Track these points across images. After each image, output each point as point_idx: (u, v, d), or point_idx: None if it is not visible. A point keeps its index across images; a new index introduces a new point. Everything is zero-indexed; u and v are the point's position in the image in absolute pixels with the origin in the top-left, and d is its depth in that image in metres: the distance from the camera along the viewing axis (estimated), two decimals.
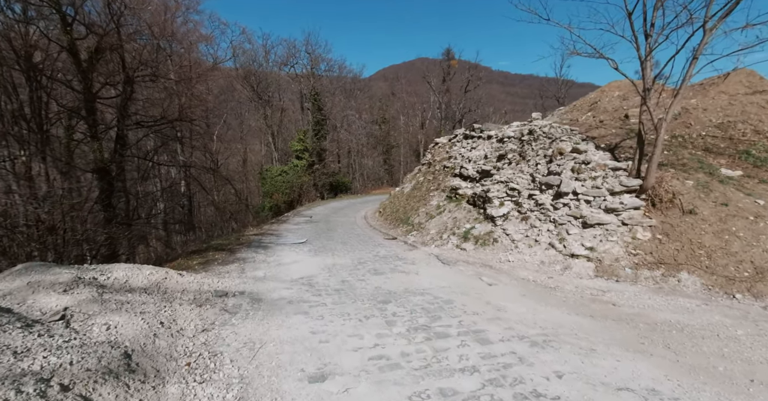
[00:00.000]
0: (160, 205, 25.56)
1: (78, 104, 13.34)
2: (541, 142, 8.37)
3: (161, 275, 5.22)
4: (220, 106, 31.19)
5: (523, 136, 9.18)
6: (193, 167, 20.98)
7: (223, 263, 8.15)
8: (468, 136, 13.48)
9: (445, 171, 13.83)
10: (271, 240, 11.38)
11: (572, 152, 7.35)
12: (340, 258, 8.56)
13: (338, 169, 38.67)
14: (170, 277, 5.32)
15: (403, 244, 10.21)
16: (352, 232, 12.90)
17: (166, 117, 13.42)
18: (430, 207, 11.81)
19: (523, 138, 9.13)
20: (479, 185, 10.29)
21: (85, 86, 12.87)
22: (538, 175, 7.79)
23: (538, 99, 57.52)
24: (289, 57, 33.83)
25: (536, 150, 8.29)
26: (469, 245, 8.22)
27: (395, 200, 16.13)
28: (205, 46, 29.39)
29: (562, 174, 7.15)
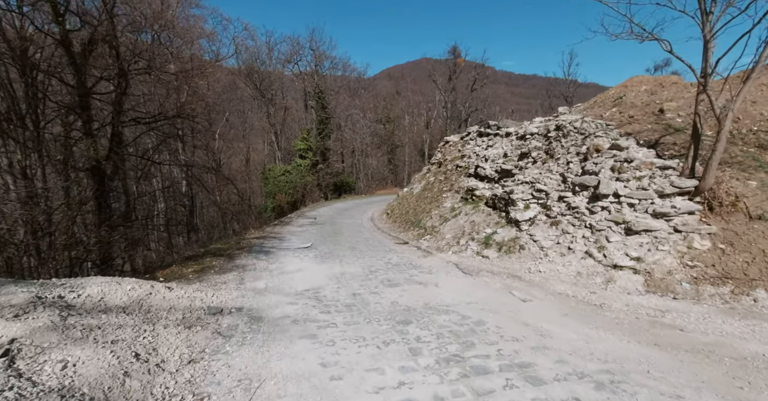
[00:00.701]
0: (161, 205, 25.01)
1: (72, 100, 12.70)
2: (572, 138, 7.57)
3: (145, 290, 4.48)
4: (222, 104, 30.58)
5: (549, 132, 8.39)
6: (193, 166, 20.31)
7: (220, 271, 7.41)
8: (483, 133, 12.68)
9: (457, 171, 13.05)
10: (274, 244, 10.64)
11: (611, 149, 6.55)
12: (349, 266, 7.81)
13: (342, 169, 37.96)
14: (156, 292, 4.57)
15: (416, 249, 9.44)
16: (359, 235, 12.14)
17: (163, 113, 12.72)
18: (443, 209, 11.03)
19: (550, 134, 8.33)
20: (499, 185, 9.50)
21: (78, 81, 12.20)
22: (570, 175, 7.00)
23: (545, 98, 56.64)
24: (293, 54, 33.17)
25: (567, 147, 7.49)
26: (491, 253, 7.43)
27: (404, 202, 15.36)
28: (207, 42, 28.79)
29: (600, 174, 6.35)
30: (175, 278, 6.83)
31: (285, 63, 33.19)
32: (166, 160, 23.63)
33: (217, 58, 27.52)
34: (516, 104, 73.38)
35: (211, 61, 26.41)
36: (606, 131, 7.20)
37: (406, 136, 48.54)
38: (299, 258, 8.70)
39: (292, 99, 41.53)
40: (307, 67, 33.62)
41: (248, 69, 32.41)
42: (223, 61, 27.04)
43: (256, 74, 32.65)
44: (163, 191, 25.45)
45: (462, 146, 14.36)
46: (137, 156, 15.10)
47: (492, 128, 11.98)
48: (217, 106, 24.33)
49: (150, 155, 17.54)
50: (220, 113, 31.62)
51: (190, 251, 10.14)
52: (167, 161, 18.78)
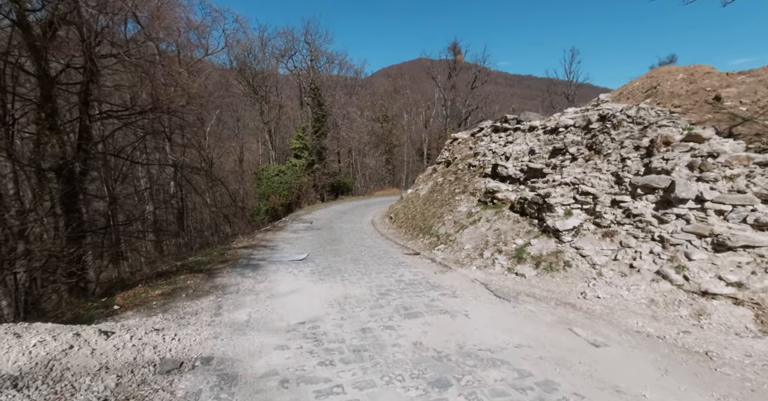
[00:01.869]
0: (149, 208, 23.43)
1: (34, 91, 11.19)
2: (626, 129, 6.26)
3: (62, 343, 3.06)
4: (213, 101, 29.03)
5: (591, 123, 7.07)
6: (176, 166, 18.80)
7: (193, 295, 5.98)
8: (499, 128, 11.35)
9: (470, 171, 11.71)
10: (264, 255, 9.22)
11: (686, 141, 5.25)
12: (354, 286, 6.42)
13: (339, 169, 36.53)
14: (81, 344, 3.16)
15: (431, 262, 8.07)
16: (361, 243, 10.75)
17: (138, 106, 11.25)
18: (458, 214, 9.67)
19: (592, 126, 7.01)
20: (526, 187, 8.16)
21: (39, 69, 10.69)
22: (628, 174, 5.68)
23: (545, 97, 55.63)
24: (288, 49, 31.68)
25: (620, 141, 6.18)
26: (527, 270, 6.08)
27: (410, 205, 13.99)
28: (197, 35, 27.25)
29: (674, 172, 5.04)
30: (133, 306, 5.40)
31: (279, 58, 31.68)
32: (146, 159, 22.12)
33: (206, 52, 25.98)
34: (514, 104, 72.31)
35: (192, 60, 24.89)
36: (673, 120, 5.91)
37: (404, 135, 47.23)
38: (293, 275, 7.29)
39: (287, 97, 40.03)
40: (303, 62, 32.19)
41: (240, 64, 30.87)
42: (213, 55, 25.48)
43: (249, 70, 31.12)
44: (151, 194, 23.91)
45: (474, 144, 13.04)
46: (111, 154, 13.59)
47: (511, 122, 10.65)
48: (203, 99, 22.76)
49: (128, 154, 16.02)
50: (211, 110, 30.07)
51: (165, 265, 8.69)
52: (147, 160, 17.24)
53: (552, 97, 51.70)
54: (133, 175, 23.04)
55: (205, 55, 25.87)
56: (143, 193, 21.81)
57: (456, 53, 43.81)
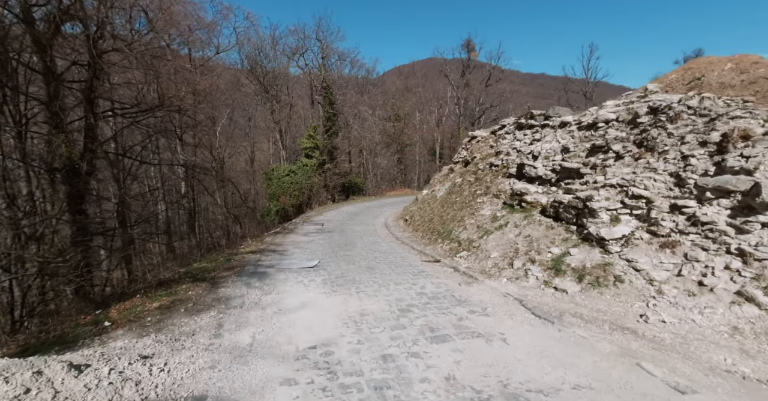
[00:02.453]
0: (161, 207, 23.24)
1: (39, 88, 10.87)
2: (687, 122, 5.43)
3: (16, 388, 2.46)
4: (224, 100, 28.79)
5: (639, 117, 6.23)
6: (185, 165, 18.46)
7: (193, 309, 5.39)
8: (524, 125, 10.54)
9: (492, 171, 10.92)
10: (272, 261, 8.63)
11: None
12: (371, 299, 5.74)
13: (350, 169, 35.96)
14: (40, 389, 2.55)
15: (453, 271, 7.34)
16: (376, 248, 10.08)
17: (144, 103, 10.81)
18: (481, 218, 8.91)
19: (640, 120, 6.18)
20: (559, 189, 7.36)
21: (44, 66, 10.34)
22: (692, 174, 4.87)
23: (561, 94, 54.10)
24: (299, 47, 31.23)
25: (679, 136, 5.35)
26: (568, 284, 5.30)
27: (426, 207, 13.26)
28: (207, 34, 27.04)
29: (758, 172, 4.22)
30: (126, 323, 4.83)
31: (291, 55, 31.24)
32: (157, 159, 21.91)
33: (217, 50, 25.75)
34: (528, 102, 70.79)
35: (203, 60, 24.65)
36: (750, 111, 5.04)
37: (416, 134, 46.43)
38: (303, 285, 6.66)
39: (298, 96, 39.68)
40: (314, 60, 31.70)
41: (251, 63, 30.57)
42: (224, 53, 25.18)
43: (260, 69, 30.80)
44: (163, 194, 23.74)
45: (495, 142, 12.24)
46: (118, 154, 13.23)
47: (538, 119, 9.82)
48: (214, 98, 22.47)
49: (137, 154, 15.69)
50: (222, 109, 29.86)
51: (168, 272, 8.17)
52: (159, 160, 16.91)
53: (569, 95, 50.23)
54: (146, 175, 22.89)
55: (215, 53, 25.67)
56: (153, 193, 21.61)
57: (470, 50, 42.81)
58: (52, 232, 9.99)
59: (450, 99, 48.03)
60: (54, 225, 10.08)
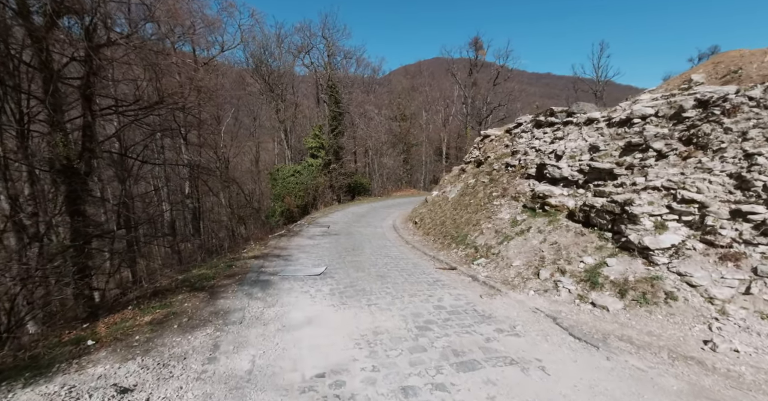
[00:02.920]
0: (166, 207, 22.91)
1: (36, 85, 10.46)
2: (748, 116, 4.79)
3: None
4: (229, 98, 28.42)
5: (684, 111, 5.59)
6: (191, 165, 18.05)
7: (188, 324, 4.86)
8: (543, 123, 9.91)
9: (509, 171, 10.30)
10: (276, 267, 8.10)
11: None
12: (384, 314, 5.17)
13: (355, 169, 35.44)
14: None
15: (471, 280, 6.75)
16: (386, 253, 9.51)
17: (144, 100, 10.35)
18: (499, 222, 8.31)
19: (686, 114, 5.54)
20: (588, 191, 6.75)
21: (41, 61, 9.92)
22: (760, 175, 4.23)
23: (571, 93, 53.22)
24: (305, 45, 30.76)
25: (739, 131, 4.72)
26: (608, 300, 4.69)
27: (437, 209, 12.67)
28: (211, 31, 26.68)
29: None
30: (112, 342, 4.31)
31: (296, 54, 30.77)
32: (162, 159, 21.56)
33: (222, 48, 25.36)
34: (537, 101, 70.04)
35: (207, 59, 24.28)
36: None
37: (422, 134, 45.81)
38: (309, 295, 6.11)
39: (303, 95, 39.27)
40: (320, 58, 31.22)
41: (256, 62, 30.17)
42: (229, 51, 24.78)
43: (265, 67, 30.38)
44: (168, 194, 23.42)
45: (510, 141, 11.62)
46: (118, 153, 12.80)
47: (559, 116, 9.19)
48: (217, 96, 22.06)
49: (139, 153, 15.28)
50: (227, 108, 29.51)
51: (165, 279, 7.67)
52: (164, 160, 16.50)
53: (578, 94, 49.34)
54: (152, 175, 22.56)
55: (220, 51, 25.27)
56: (156, 194, 21.25)
57: (478, 48, 42.10)
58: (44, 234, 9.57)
59: (457, 98, 47.35)
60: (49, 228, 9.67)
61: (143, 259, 16.15)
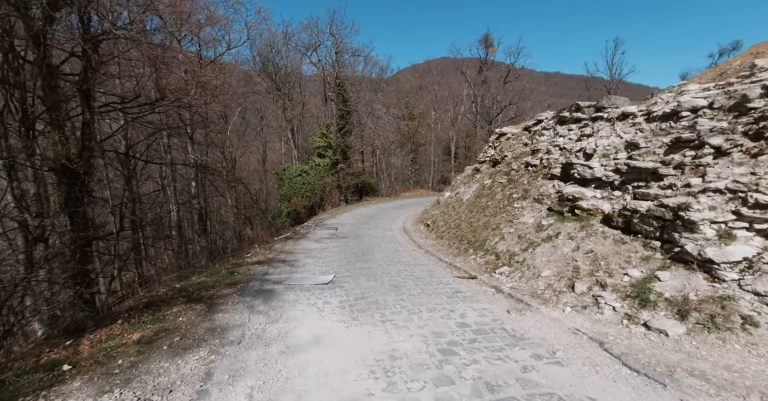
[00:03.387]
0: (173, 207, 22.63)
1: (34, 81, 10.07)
2: None
3: None
4: (235, 97, 28.07)
5: (749, 101, 4.81)
6: (197, 165, 17.65)
7: (180, 345, 4.30)
8: (567, 119, 9.19)
9: (529, 171, 9.61)
10: (281, 275, 7.53)
11: None
12: (401, 333, 4.56)
13: (363, 169, 34.87)
14: None
15: (495, 292, 6.10)
16: (398, 258, 8.90)
17: (144, 96, 9.88)
18: (522, 227, 7.63)
19: (752, 105, 4.78)
20: (625, 193, 6.05)
21: (38, 56, 9.50)
22: None
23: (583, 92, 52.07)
24: (312, 43, 30.24)
25: None
26: (666, 322, 4.01)
27: (450, 211, 12.01)
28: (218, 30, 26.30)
29: None
30: (91, 366, 3.76)
31: (304, 51, 30.27)
32: (169, 159, 21.24)
33: (228, 46, 24.95)
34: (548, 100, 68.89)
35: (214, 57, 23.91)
36: None
37: (431, 133, 45.10)
38: (316, 309, 5.52)
39: (310, 94, 38.83)
40: (327, 55, 30.68)
41: (263, 60, 29.77)
42: (235, 49, 24.36)
43: (272, 66, 29.97)
44: (174, 195, 23.12)
45: (530, 139, 10.92)
46: (119, 153, 12.38)
47: (586, 111, 8.47)
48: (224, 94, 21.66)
49: (142, 153, 14.89)
50: (233, 108, 29.16)
51: (163, 287, 7.15)
52: (167, 159, 16.11)
53: (590, 93, 48.21)
54: (160, 175, 22.28)
55: (227, 49, 24.88)
56: (160, 194, 20.91)
57: (488, 46, 41.20)
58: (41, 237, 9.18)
59: (466, 97, 46.53)
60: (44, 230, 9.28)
61: (149, 261, 15.77)
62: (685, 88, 6.43)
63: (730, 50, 33.53)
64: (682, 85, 8.29)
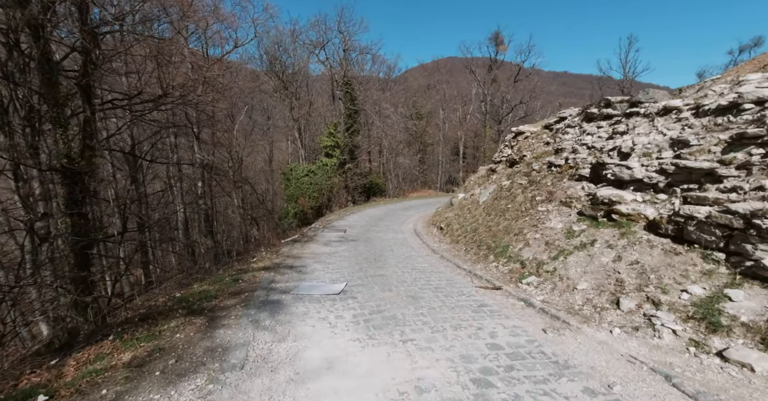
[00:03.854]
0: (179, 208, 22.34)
1: None
2: None
3: None
4: (242, 97, 27.72)
5: None
6: (203, 165, 17.26)
7: (174, 370, 3.76)
8: (595, 116, 8.53)
9: (553, 172, 8.97)
10: (289, 282, 6.99)
11: None
12: (425, 356, 3.98)
13: (370, 169, 34.32)
14: None
15: (524, 306, 5.49)
16: (412, 264, 8.32)
17: (146, 93, 9.43)
18: (550, 232, 7.00)
19: None
20: (673, 197, 5.39)
21: (39, 51, 9.11)
22: None
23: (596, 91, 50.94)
24: (319, 41, 29.74)
25: None
26: (749, 354, 3.38)
27: (466, 213, 11.39)
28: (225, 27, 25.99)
29: None
30: (70, 396, 3.25)
31: (312, 49, 29.79)
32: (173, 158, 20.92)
33: (235, 44, 24.57)
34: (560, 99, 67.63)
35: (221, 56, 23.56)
36: None
37: (440, 133, 44.43)
38: (328, 324, 4.96)
39: (317, 94, 38.40)
40: (335, 53, 30.17)
41: (270, 58, 29.38)
42: (242, 47, 23.96)
43: (279, 64, 29.57)
44: (182, 195, 22.84)
45: (552, 137, 10.26)
46: (122, 152, 11.99)
47: (618, 106, 7.80)
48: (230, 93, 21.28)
49: (147, 152, 14.51)
50: (240, 107, 28.82)
51: (162, 296, 6.65)
52: (174, 159, 15.74)
53: (603, 91, 47.16)
54: (168, 174, 21.99)
55: (234, 47, 24.51)
56: (168, 193, 20.59)
57: (498, 44, 40.38)
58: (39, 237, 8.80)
59: (475, 96, 45.76)
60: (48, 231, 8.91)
61: (154, 263, 15.40)
62: (743, 78, 5.75)
63: (751, 47, 32.36)
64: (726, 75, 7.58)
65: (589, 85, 50.72)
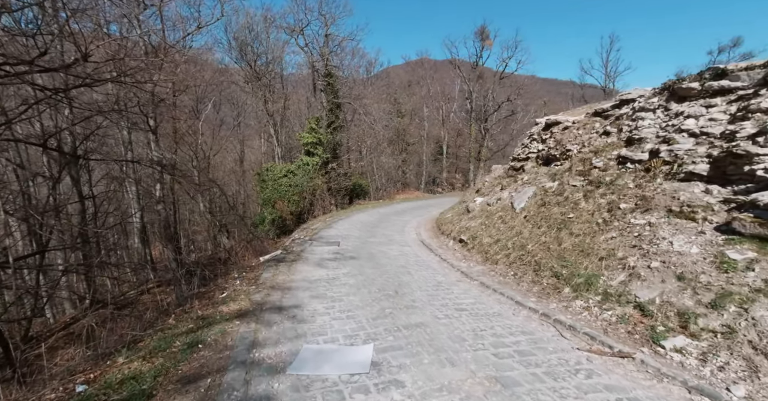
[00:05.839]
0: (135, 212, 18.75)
1: None
2: None
3: None
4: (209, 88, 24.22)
5: None
6: (162, 164, 13.98)
7: None
8: (694, 92, 6.41)
9: (633, 170, 6.78)
10: (279, 346, 4.30)
11: None
12: None
13: (353, 169, 31.59)
14: None
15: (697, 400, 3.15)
16: (453, 301, 5.84)
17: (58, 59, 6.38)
18: (675, 259, 4.74)
19: None
20: None
21: None
22: None
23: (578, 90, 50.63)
24: (297, 26, 26.62)
25: None
26: None
27: (497, 223, 9.04)
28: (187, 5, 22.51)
29: None
30: None
31: (290, 32, 26.62)
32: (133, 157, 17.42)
33: (199, 25, 21.12)
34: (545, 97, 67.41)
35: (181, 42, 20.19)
36: None
37: (423, 131, 42.38)
38: None
39: (294, 87, 35.22)
40: (315, 39, 27.16)
41: (240, 44, 26.05)
42: (207, 27, 20.55)
43: (251, 51, 26.28)
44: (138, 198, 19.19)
45: (613, 125, 8.11)
46: (29, 143, 8.76)
47: (743, 76, 5.69)
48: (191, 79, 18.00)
49: (78, 146, 11.17)
50: (206, 101, 25.28)
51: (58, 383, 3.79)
52: (105, 156, 12.43)
53: (584, 90, 46.95)
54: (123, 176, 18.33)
55: (197, 28, 21.05)
56: (110, 201, 17.01)
57: (484, 38, 38.77)
58: None
59: (459, 94, 44.11)
60: None
61: (92, 286, 12.06)
62: None
63: (730, 47, 32.42)
64: None
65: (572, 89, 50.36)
